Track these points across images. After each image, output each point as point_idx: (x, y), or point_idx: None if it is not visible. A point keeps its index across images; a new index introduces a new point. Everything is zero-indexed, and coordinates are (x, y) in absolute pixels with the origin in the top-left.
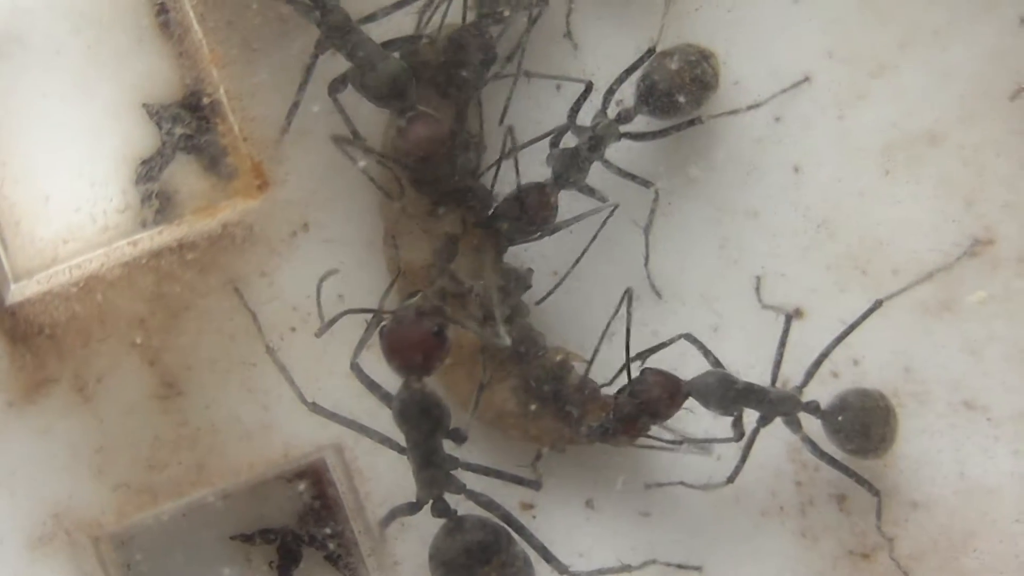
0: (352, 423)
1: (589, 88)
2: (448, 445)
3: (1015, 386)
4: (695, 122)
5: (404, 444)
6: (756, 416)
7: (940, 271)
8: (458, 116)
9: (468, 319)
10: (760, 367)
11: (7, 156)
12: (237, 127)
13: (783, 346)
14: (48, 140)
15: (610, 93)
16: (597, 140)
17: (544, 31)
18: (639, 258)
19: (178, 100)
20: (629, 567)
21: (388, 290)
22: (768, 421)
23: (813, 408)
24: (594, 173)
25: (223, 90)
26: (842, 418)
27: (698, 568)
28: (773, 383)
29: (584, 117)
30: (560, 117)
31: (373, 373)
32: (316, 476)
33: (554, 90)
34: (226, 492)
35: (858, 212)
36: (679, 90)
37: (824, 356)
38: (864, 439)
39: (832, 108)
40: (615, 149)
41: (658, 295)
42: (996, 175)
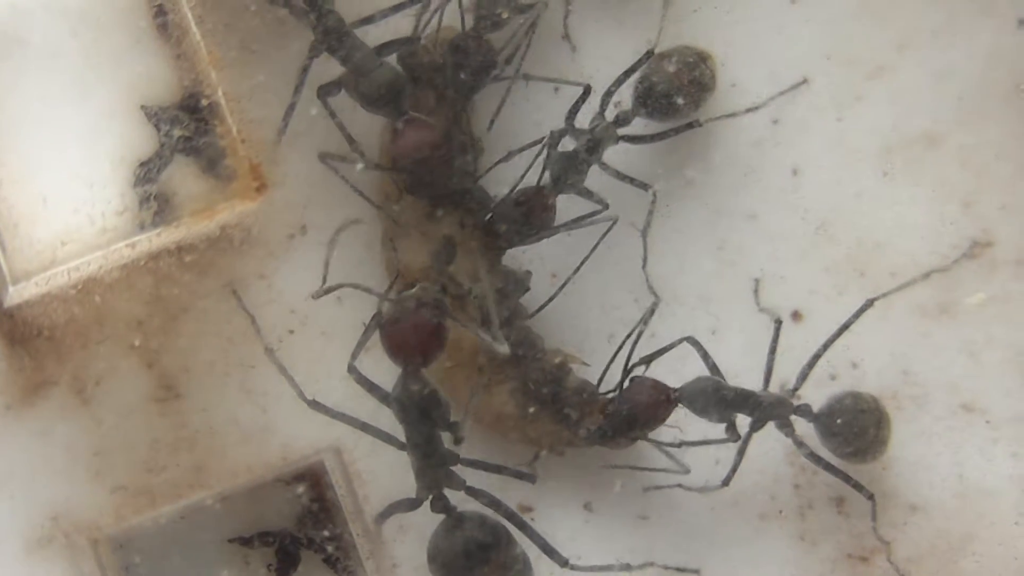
0: (352, 419)
1: (587, 91)
2: (447, 440)
3: (1013, 389)
4: (693, 125)
5: (404, 441)
6: (749, 421)
7: (937, 272)
8: (455, 119)
9: (467, 320)
10: (758, 369)
11: (5, 158)
12: (235, 129)
13: (773, 352)
14: (46, 142)
15: (608, 95)
16: (595, 143)
17: (542, 33)
18: (637, 260)
19: (176, 102)
20: (628, 566)
21: (386, 292)
22: (760, 426)
23: (805, 412)
24: (592, 176)
25: (221, 92)
26: (834, 421)
27: (696, 571)
28: (765, 387)
29: (582, 120)
30: (558, 119)
31: (371, 375)
32: (314, 479)
33: (552, 92)
34: (224, 495)
35: (856, 214)
36: (677, 92)
37: (817, 357)
38: (857, 442)
39: (830, 110)
40: (613, 151)
41: (656, 297)
42: (994, 177)
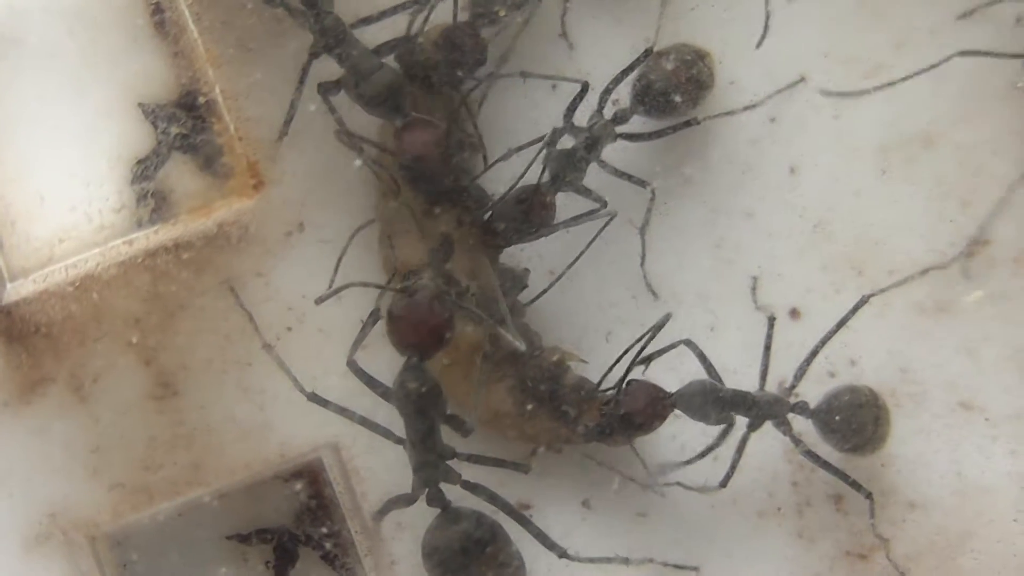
0: (350, 413)
1: (585, 88)
2: (447, 435)
3: (1012, 386)
4: (691, 123)
5: (402, 435)
6: (746, 421)
7: (934, 269)
8: (452, 116)
9: (474, 313)
10: (756, 367)
11: (2, 156)
12: (233, 127)
13: (768, 349)
14: (43, 140)
15: (606, 93)
16: (593, 141)
17: (540, 31)
18: (635, 258)
19: (173, 100)
20: (627, 559)
21: (388, 283)
22: (758, 426)
23: (802, 409)
24: (590, 173)
25: (219, 90)
26: (832, 418)
27: (695, 568)
28: (762, 386)
29: (580, 117)
30: (556, 117)
31: (369, 371)
32: (312, 476)
33: (550, 90)
34: (222, 492)
35: (854, 213)
36: (675, 90)
37: (814, 354)
38: (856, 438)
39: (828, 108)
40: (611, 149)
41: (654, 295)
42: (992, 175)
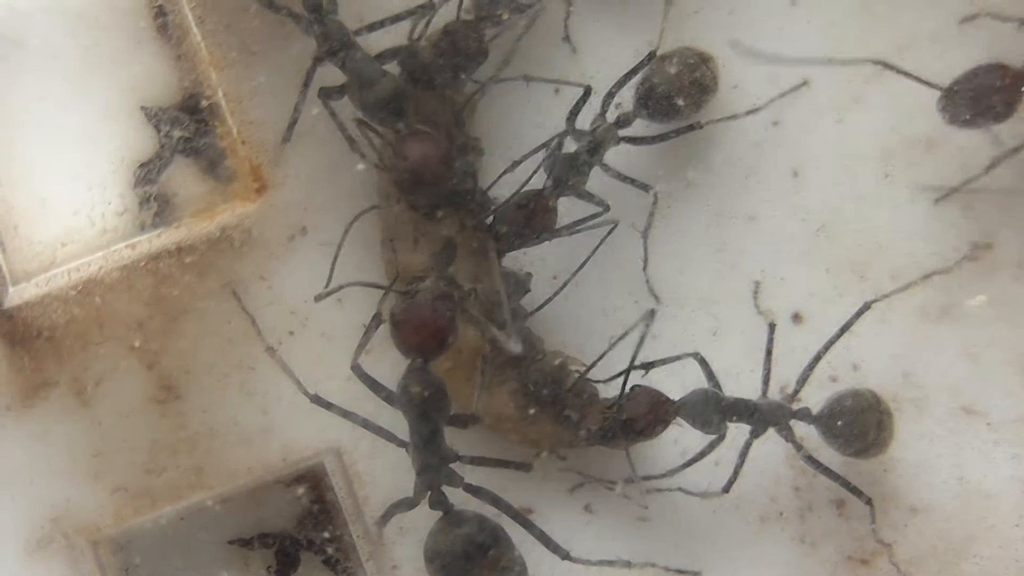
0: (352, 415)
1: (588, 92)
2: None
3: (1014, 390)
4: (694, 126)
5: (405, 439)
6: (748, 428)
7: (938, 274)
8: (456, 119)
9: (478, 315)
10: (759, 371)
11: (5, 159)
12: (235, 130)
13: (770, 354)
14: (46, 143)
15: (609, 97)
16: (596, 144)
17: (543, 35)
18: (638, 262)
19: (176, 103)
20: (629, 563)
21: (386, 294)
22: (760, 433)
23: (805, 415)
24: (593, 177)
25: (221, 93)
26: (835, 423)
27: (697, 573)
28: (764, 391)
29: (583, 121)
30: (559, 121)
31: (373, 375)
32: (315, 480)
33: (552, 94)
34: (224, 496)
35: (857, 216)
36: (678, 93)
37: (817, 360)
38: (859, 442)
39: (830, 112)
40: (614, 153)
41: (657, 299)
42: (995, 179)
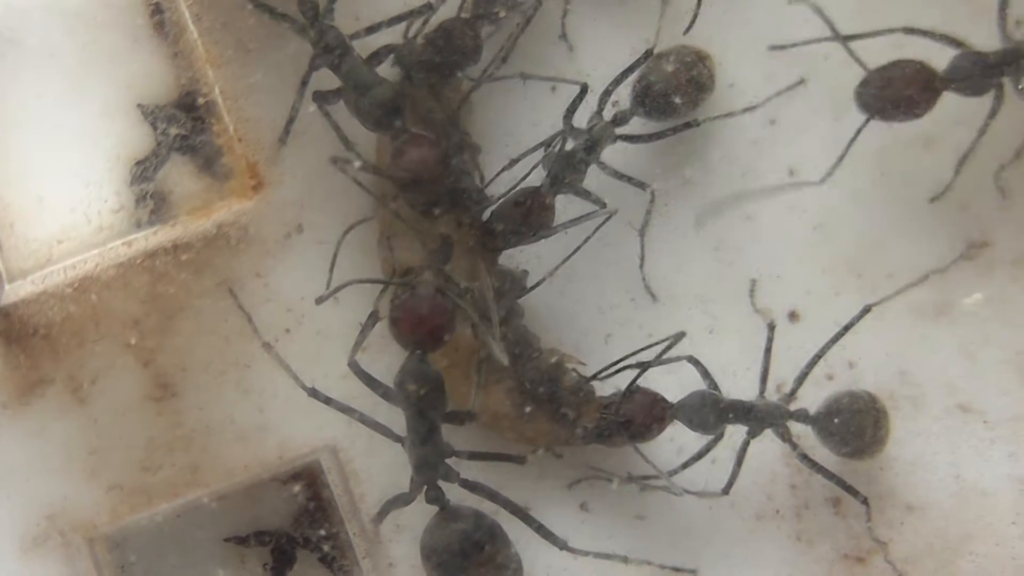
0: (349, 410)
1: (584, 90)
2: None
3: (1011, 389)
4: (691, 124)
5: (401, 434)
6: (745, 429)
7: (936, 273)
8: (451, 118)
9: (471, 315)
10: (755, 369)
11: (1, 157)
12: (232, 128)
13: (769, 353)
14: (42, 140)
15: (606, 95)
16: (593, 142)
17: (540, 33)
18: (634, 260)
19: (173, 100)
20: (626, 558)
21: (383, 292)
22: (757, 434)
23: (802, 416)
24: (590, 175)
25: (218, 90)
26: (832, 422)
27: (693, 571)
28: (762, 391)
29: (579, 119)
30: (555, 119)
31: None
32: (311, 478)
33: (549, 92)
34: (220, 494)
35: (853, 215)
36: (675, 91)
37: (815, 361)
38: (855, 442)
39: (827, 110)
40: (611, 151)
41: (653, 297)
42: (991, 178)
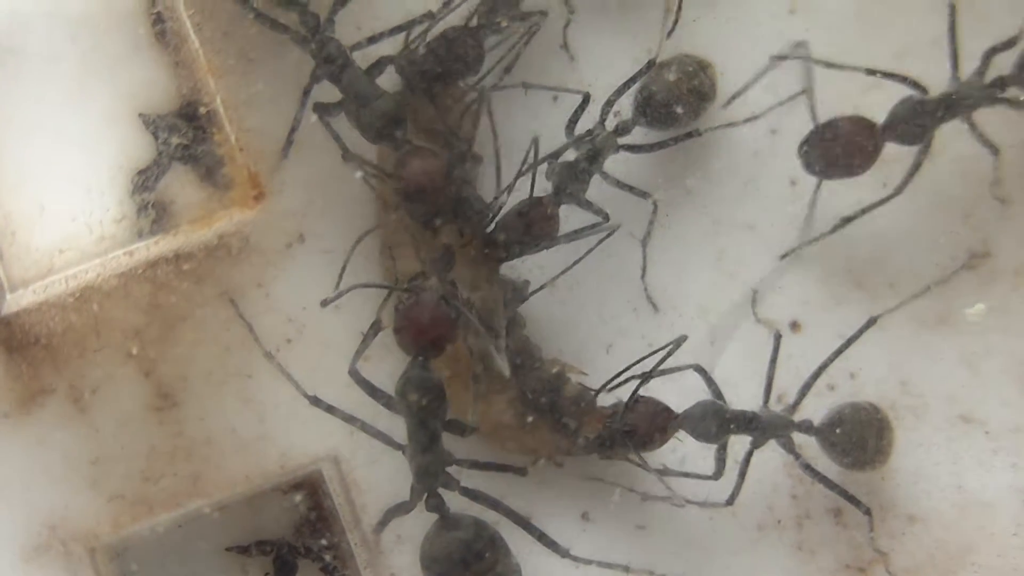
0: (351, 418)
1: (587, 100)
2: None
3: (1013, 399)
4: (693, 134)
5: (402, 442)
6: (749, 439)
7: (937, 284)
8: (452, 128)
9: (473, 325)
10: (757, 379)
11: (3, 165)
12: (234, 137)
13: (774, 363)
14: (44, 149)
15: (608, 105)
16: (595, 152)
17: (542, 43)
18: (636, 270)
19: (174, 110)
20: (627, 568)
21: (385, 301)
22: (761, 444)
23: (806, 427)
24: (592, 185)
25: (220, 100)
26: (837, 433)
27: None
28: (766, 401)
29: (582, 129)
30: (557, 129)
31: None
32: (312, 488)
33: (551, 102)
34: (222, 503)
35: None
36: (677, 101)
37: (818, 373)
38: (857, 453)
39: None
40: (613, 161)
41: (655, 307)
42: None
